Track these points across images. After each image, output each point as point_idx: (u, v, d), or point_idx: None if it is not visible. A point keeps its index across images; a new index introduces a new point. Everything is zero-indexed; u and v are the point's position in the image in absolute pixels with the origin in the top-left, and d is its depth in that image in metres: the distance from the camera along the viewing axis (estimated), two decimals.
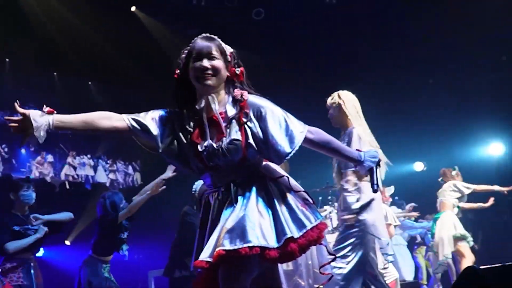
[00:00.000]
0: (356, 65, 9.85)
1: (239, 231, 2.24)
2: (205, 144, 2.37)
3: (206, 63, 2.37)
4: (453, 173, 7.20)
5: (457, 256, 6.78)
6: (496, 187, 6.95)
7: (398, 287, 6.37)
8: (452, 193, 7.00)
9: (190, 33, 2.46)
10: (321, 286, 3.40)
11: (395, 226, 7.10)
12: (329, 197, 7.80)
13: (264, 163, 2.48)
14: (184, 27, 8.77)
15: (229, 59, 2.43)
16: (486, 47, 9.05)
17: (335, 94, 4.51)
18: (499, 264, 2.82)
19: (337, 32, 9.24)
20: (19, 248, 4.64)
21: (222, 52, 2.42)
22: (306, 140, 2.42)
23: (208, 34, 2.46)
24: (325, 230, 2.41)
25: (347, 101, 4.45)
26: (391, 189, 7.04)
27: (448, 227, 6.85)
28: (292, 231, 2.29)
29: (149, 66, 9.36)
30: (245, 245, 2.21)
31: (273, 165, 2.50)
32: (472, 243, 6.84)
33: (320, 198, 7.88)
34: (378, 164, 2.56)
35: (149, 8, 9.00)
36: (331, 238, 6.18)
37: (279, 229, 2.29)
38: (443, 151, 10.46)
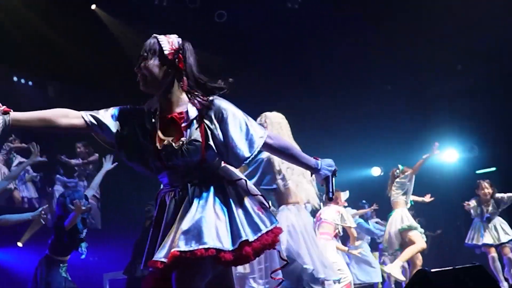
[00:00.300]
0: (315, 70, 9.94)
1: (195, 232, 2.23)
2: (164, 143, 2.35)
3: (138, 67, 2.38)
4: (397, 172, 7.30)
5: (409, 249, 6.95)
6: (425, 156, 7.19)
7: None
8: (396, 191, 7.17)
9: (151, 33, 2.43)
10: None
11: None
12: None
13: (222, 165, 2.48)
14: (145, 27, 8.68)
15: (170, 56, 2.37)
16: (442, 57, 9.29)
17: (262, 115, 4.56)
18: (450, 268, 2.90)
19: (298, 37, 9.32)
20: None
21: (155, 51, 2.37)
22: (266, 145, 2.44)
23: (154, 35, 2.43)
24: (280, 235, 2.41)
25: (270, 123, 4.48)
26: (346, 194, 7.15)
27: (395, 222, 7.01)
28: (248, 234, 2.29)
29: (109, 66, 9.24)
30: (200, 247, 2.20)
31: (232, 168, 2.50)
32: (422, 232, 7.01)
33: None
34: (334, 173, 2.59)
35: (109, 6, 8.87)
36: None
37: (234, 232, 2.29)
38: (400, 157, 10.62)
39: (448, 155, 10.78)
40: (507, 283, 7.16)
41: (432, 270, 2.67)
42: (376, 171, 11.56)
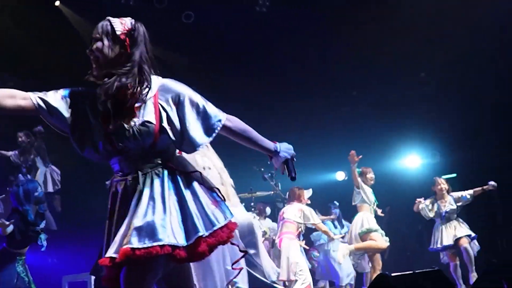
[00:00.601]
0: (281, 74, 9.98)
1: (148, 228, 2.14)
2: (116, 124, 2.25)
3: (90, 49, 2.32)
4: (358, 172, 7.37)
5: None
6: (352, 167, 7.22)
7: None
8: (357, 196, 7.27)
9: None
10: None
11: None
12: (252, 203, 7.86)
13: (177, 154, 2.40)
14: None
15: (122, 37, 2.30)
16: (406, 64, 9.45)
17: None
18: (410, 272, 2.94)
19: (266, 40, 9.34)
20: None
21: (108, 32, 2.32)
22: (225, 127, 2.37)
23: (107, 17, 2.38)
24: (235, 230, 2.35)
25: None
26: (309, 192, 7.14)
27: (355, 226, 7.14)
28: (202, 229, 2.22)
29: (74, 64, 9.10)
30: (155, 244, 2.11)
31: (188, 157, 2.43)
32: (383, 234, 7.11)
33: (243, 204, 7.92)
34: (292, 157, 2.57)
35: (74, 4, 8.74)
36: None
37: (189, 226, 2.21)
38: (364, 162, 10.78)
39: (411, 160, 10.98)
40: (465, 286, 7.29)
41: (393, 274, 2.71)
42: (340, 176, 11.67)
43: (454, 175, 10.16)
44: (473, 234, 7.47)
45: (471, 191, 7.65)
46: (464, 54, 9.09)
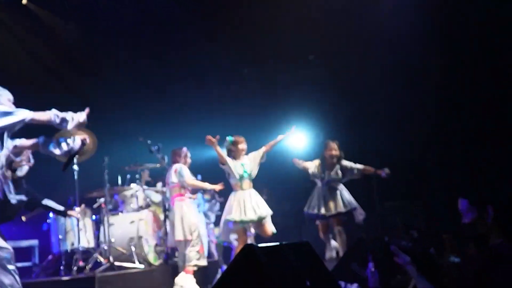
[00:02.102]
0: (172, 53, 9.95)
1: None
2: None
3: None
4: (230, 140, 6.85)
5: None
6: (280, 136, 7.04)
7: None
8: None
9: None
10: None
11: None
12: (137, 176, 7.80)
13: None
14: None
15: None
16: (295, 46, 9.70)
17: None
18: (277, 243, 3.09)
19: (151, 23, 9.30)
20: None
21: None
22: None
23: None
24: None
25: None
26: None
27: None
28: None
29: (39, 58, 8.93)
30: None
31: None
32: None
33: (128, 176, 7.84)
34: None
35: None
36: None
37: None
38: (252, 139, 11.04)
39: (297, 139, 11.35)
40: (336, 251, 7.12)
41: (259, 245, 2.83)
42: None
43: None
44: (355, 205, 7.22)
45: (360, 166, 7.33)
46: (355, 37, 9.47)
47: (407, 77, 9.66)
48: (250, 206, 6.48)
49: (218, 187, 6.97)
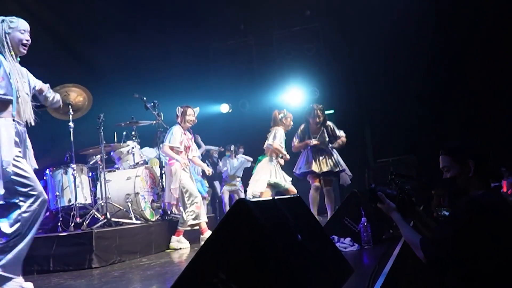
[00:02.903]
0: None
1: None
2: None
3: None
4: (281, 116, 7.36)
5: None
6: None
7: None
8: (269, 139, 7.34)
9: None
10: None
11: None
12: (133, 132, 7.81)
13: None
14: None
15: None
16: (226, 18, 9.79)
17: None
18: (270, 198, 3.15)
19: None
20: None
21: None
22: None
23: None
24: None
25: None
26: (196, 110, 7.02)
27: (264, 171, 7.19)
28: None
29: (35, 15, 8.69)
30: None
31: None
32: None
33: (124, 133, 7.85)
34: None
35: None
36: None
37: None
38: (248, 97, 11.10)
39: (223, 107, 11.69)
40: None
41: (252, 200, 2.88)
42: (224, 108, 11.89)
43: (331, 111, 10.68)
44: (344, 167, 7.29)
45: (342, 134, 7.40)
46: None
47: (401, 34, 9.65)
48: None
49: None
